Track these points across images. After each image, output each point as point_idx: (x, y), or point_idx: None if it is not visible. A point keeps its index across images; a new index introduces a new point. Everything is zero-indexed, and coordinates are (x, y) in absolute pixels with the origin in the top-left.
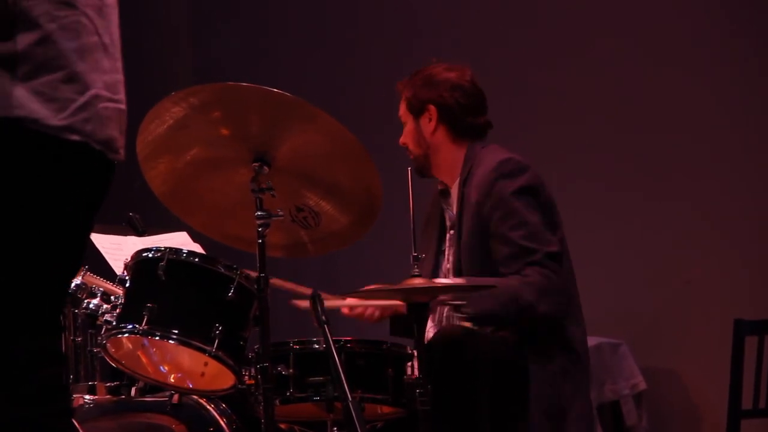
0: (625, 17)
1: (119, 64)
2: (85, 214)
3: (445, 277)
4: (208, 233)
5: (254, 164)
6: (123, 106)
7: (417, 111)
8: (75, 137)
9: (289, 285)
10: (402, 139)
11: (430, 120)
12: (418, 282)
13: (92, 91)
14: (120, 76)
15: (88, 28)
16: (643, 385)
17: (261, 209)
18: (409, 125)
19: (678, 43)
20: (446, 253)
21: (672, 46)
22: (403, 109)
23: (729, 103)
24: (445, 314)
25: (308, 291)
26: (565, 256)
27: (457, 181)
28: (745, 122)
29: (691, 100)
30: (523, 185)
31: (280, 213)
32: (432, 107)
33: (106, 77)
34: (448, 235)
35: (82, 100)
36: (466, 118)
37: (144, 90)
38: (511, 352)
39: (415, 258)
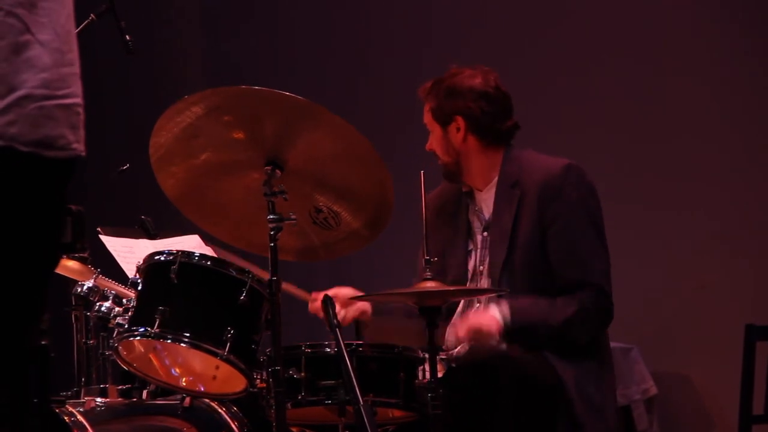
0: (640, 22)
1: (70, 56)
2: (24, 218)
3: (477, 278)
4: (236, 244)
5: (266, 168)
6: (70, 101)
7: (444, 121)
8: None
9: (296, 291)
10: (429, 146)
11: (459, 130)
12: (430, 285)
13: (18, 93)
14: (68, 69)
15: (16, 27)
16: (654, 390)
17: (273, 213)
18: (436, 133)
19: (695, 52)
20: (475, 254)
21: (689, 55)
22: (428, 117)
23: (741, 113)
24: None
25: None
26: None
27: (493, 183)
28: (759, 131)
29: (706, 110)
30: (588, 194)
31: (293, 216)
32: (459, 118)
33: (45, 75)
34: (480, 237)
35: (2, 104)
36: (494, 125)
37: (156, 92)
38: (540, 370)
39: (427, 261)
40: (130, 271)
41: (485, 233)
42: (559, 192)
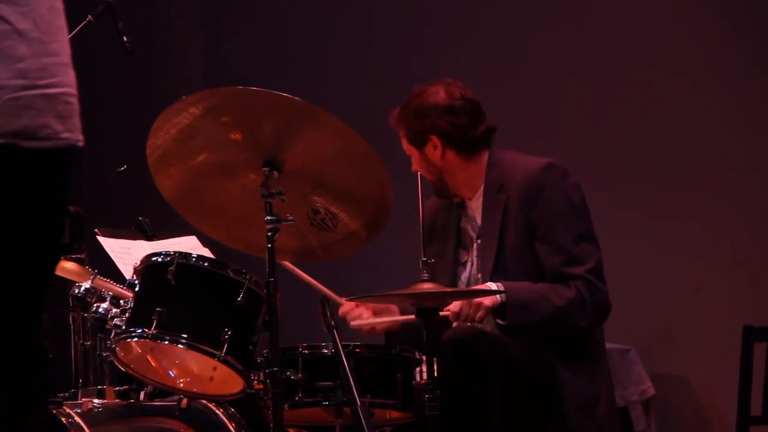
0: (640, 22)
1: (54, 46)
2: (10, 210)
3: (476, 285)
4: (234, 245)
5: (264, 169)
6: (56, 90)
7: (419, 143)
8: None
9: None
10: (414, 169)
11: (435, 148)
12: (428, 286)
13: None
14: (51, 59)
15: None
16: (651, 391)
17: (271, 213)
18: (415, 156)
19: (695, 52)
20: (472, 263)
21: (689, 55)
22: (405, 143)
23: (737, 116)
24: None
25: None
26: None
27: (481, 191)
28: (759, 131)
29: (706, 110)
30: (571, 191)
31: (290, 218)
32: (433, 136)
33: (22, 65)
34: (475, 245)
35: None
36: (467, 135)
37: (155, 93)
38: (527, 354)
39: (425, 263)
40: (128, 273)
41: (479, 240)
42: (541, 192)
